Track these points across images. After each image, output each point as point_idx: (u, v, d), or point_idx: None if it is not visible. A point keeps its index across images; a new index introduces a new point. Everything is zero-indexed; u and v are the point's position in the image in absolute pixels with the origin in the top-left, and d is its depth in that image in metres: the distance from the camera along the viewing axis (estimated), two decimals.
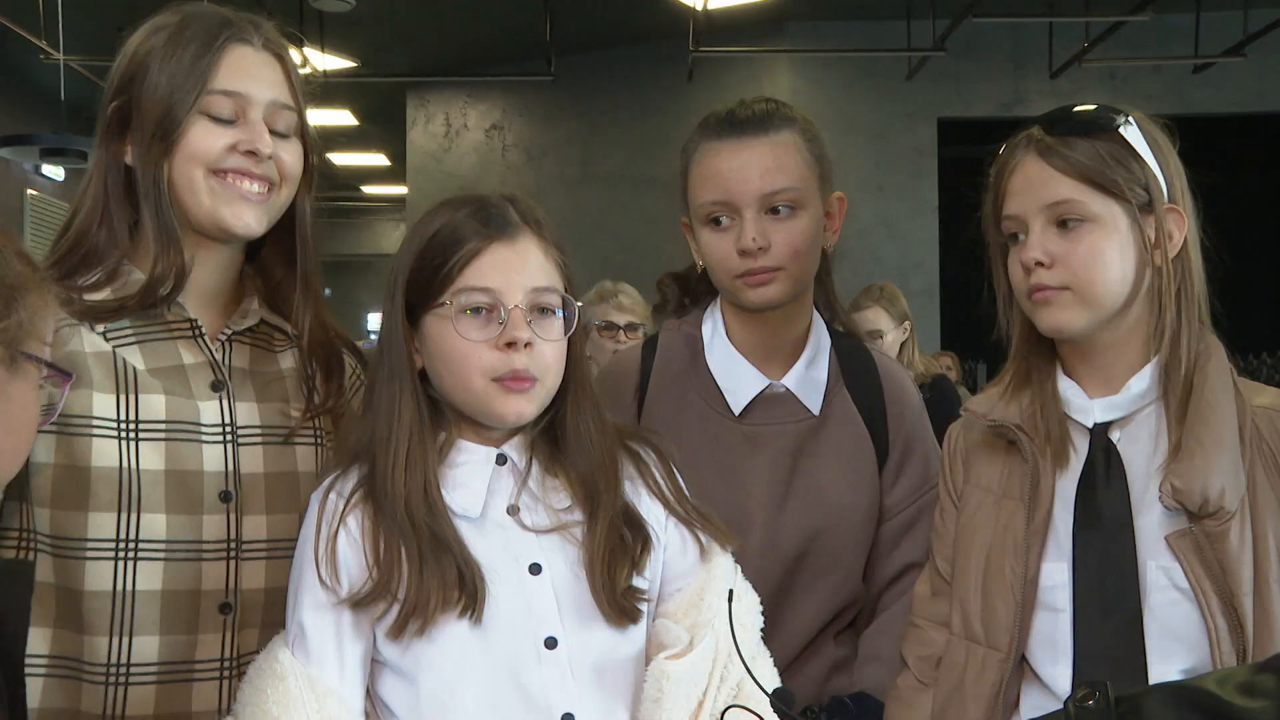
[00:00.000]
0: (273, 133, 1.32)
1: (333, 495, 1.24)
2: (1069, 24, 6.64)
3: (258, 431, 1.34)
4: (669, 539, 1.31)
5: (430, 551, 1.19)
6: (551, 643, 1.21)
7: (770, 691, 1.10)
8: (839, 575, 1.58)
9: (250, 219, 1.31)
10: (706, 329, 1.65)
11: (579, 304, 1.29)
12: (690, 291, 1.73)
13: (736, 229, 1.52)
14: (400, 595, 1.18)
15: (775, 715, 1.09)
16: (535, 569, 1.23)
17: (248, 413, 1.34)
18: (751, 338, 1.61)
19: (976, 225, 1.43)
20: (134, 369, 1.28)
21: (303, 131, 1.37)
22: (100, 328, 1.28)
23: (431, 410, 1.27)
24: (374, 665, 1.24)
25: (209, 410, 1.31)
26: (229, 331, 1.36)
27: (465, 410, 1.26)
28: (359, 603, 1.19)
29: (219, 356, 1.34)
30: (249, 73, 1.31)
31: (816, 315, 1.65)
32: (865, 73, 7.42)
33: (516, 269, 1.23)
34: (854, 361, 1.64)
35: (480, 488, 1.25)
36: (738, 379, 1.60)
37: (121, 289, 1.30)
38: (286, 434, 1.36)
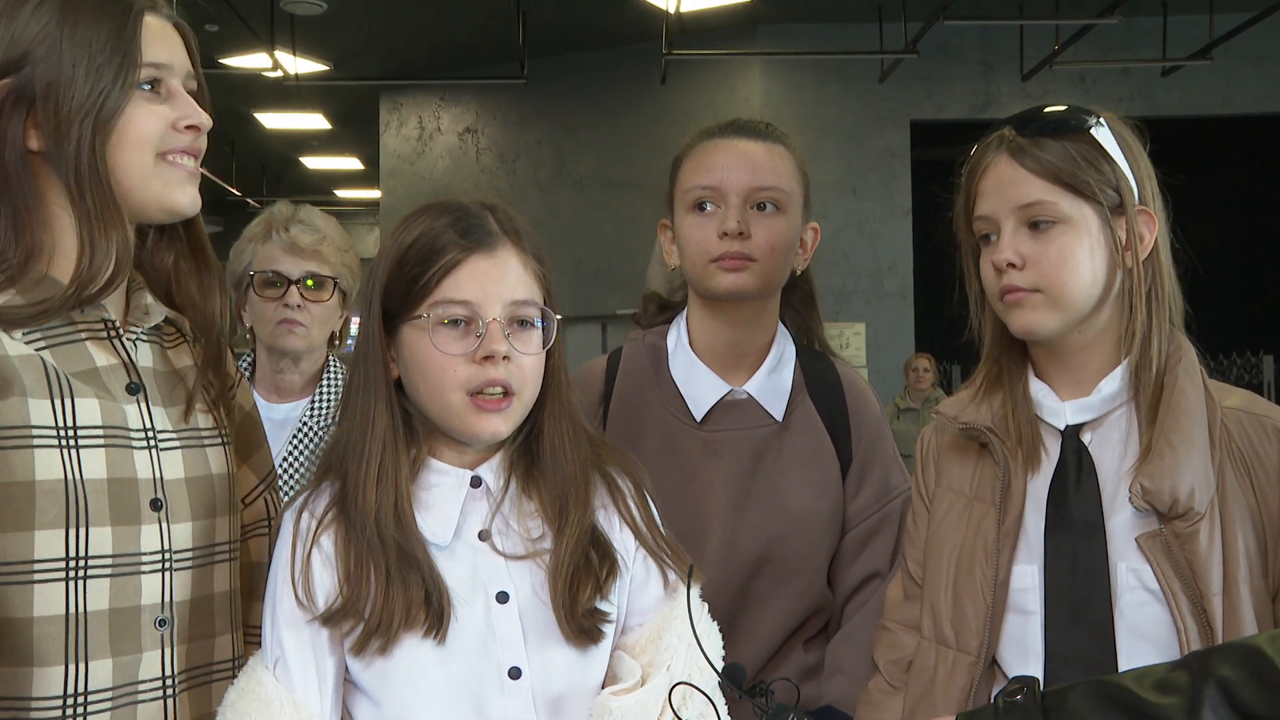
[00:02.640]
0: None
1: (305, 515, 1.22)
2: (1039, 27, 6.70)
3: (173, 435, 1.26)
4: (635, 570, 1.29)
5: (397, 568, 1.18)
6: (516, 673, 1.19)
7: (720, 670, 1.10)
8: (802, 581, 1.58)
9: (197, 198, 1.24)
10: (671, 339, 1.67)
11: (558, 316, 1.27)
12: (667, 309, 1.74)
13: (720, 215, 1.56)
14: (366, 613, 1.17)
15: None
16: (503, 597, 1.21)
17: (161, 415, 1.26)
18: (716, 344, 1.62)
19: (949, 226, 1.43)
20: (63, 373, 1.18)
21: (207, 101, 1.28)
22: (17, 333, 1.17)
23: (406, 424, 1.25)
24: (346, 684, 1.23)
25: (131, 414, 1.23)
26: (137, 330, 1.27)
27: (440, 424, 1.24)
28: (329, 619, 1.18)
29: (131, 357, 1.25)
30: (165, 41, 1.23)
31: (782, 327, 1.67)
32: (837, 75, 7.46)
33: (495, 281, 1.21)
34: (817, 372, 1.66)
35: (453, 512, 1.23)
36: (699, 385, 1.61)
37: (34, 291, 1.19)
38: (196, 435, 1.29)
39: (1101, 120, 1.31)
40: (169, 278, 1.32)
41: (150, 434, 1.24)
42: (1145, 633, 1.24)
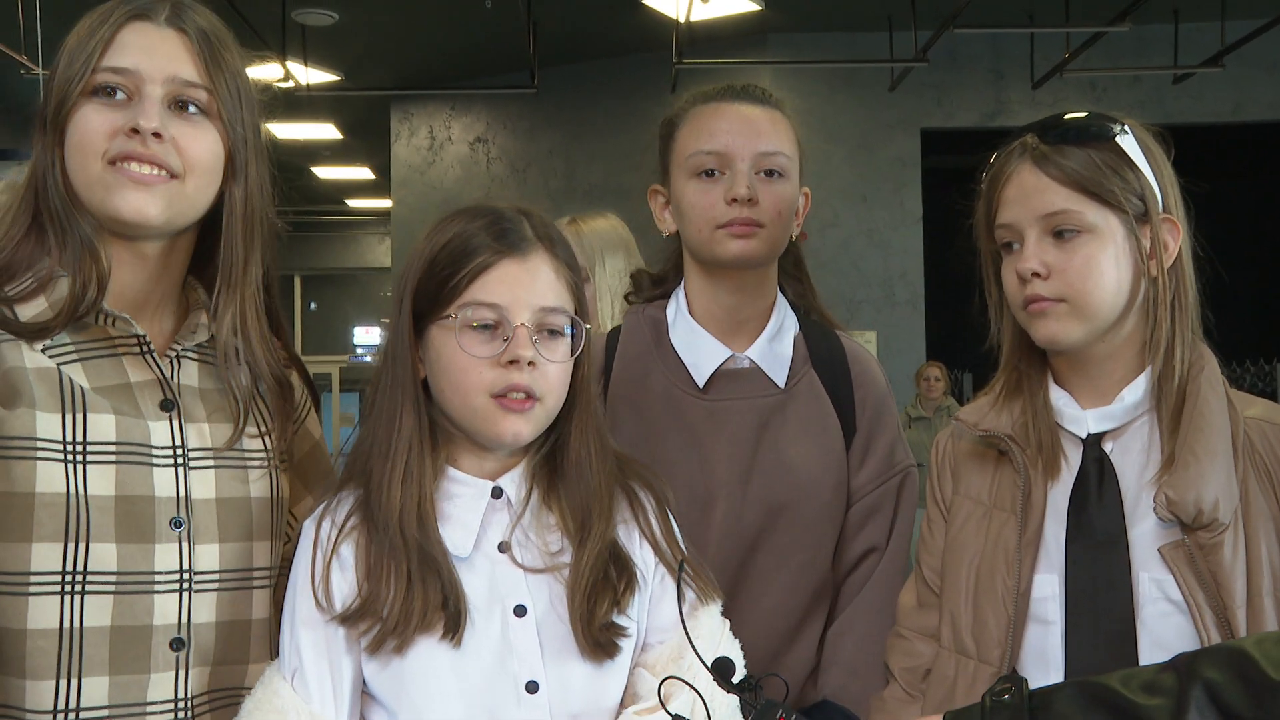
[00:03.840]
0: (179, 115, 1.19)
1: (326, 523, 1.22)
2: (1050, 35, 6.68)
3: (209, 454, 1.24)
4: (654, 586, 1.28)
5: (418, 570, 1.17)
6: (533, 687, 1.18)
7: (710, 662, 1.09)
8: (807, 554, 1.57)
9: (146, 206, 1.16)
10: (670, 310, 1.66)
11: (588, 326, 1.26)
12: (661, 283, 1.73)
13: (727, 180, 1.55)
14: (385, 613, 1.16)
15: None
16: (520, 610, 1.21)
17: (198, 434, 1.24)
18: (716, 310, 1.62)
19: (963, 234, 1.42)
20: (80, 387, 1.17)
21: (223, 116, 1.22)
22: (39, 345, 1.17)
23: (431, 426, 1.24)
24: (363, 696, 1.22)
25: (159, 431, 1.21)
26: (178, 348, 1.25)
27: (463, 426, 1.23)
28: (347, 619, 1.17)
29: (168, 373, 1.23)
30: (143, 48, 1.18)
31: (781, 295, 1.66)
32: (848, 84, 7.45)
33: (525, 287, 1.21)
34: (821, 343, 1.65)
35: (473, 524, 1.22)
36: (700, 352, 1.60)
37: (57, 301, 1.18)
38: (239, 456, 1.26)
39: (1125, 127, 1.30)
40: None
41: (179, 452, 1.22)
42: (1167, 644, 1.23)
